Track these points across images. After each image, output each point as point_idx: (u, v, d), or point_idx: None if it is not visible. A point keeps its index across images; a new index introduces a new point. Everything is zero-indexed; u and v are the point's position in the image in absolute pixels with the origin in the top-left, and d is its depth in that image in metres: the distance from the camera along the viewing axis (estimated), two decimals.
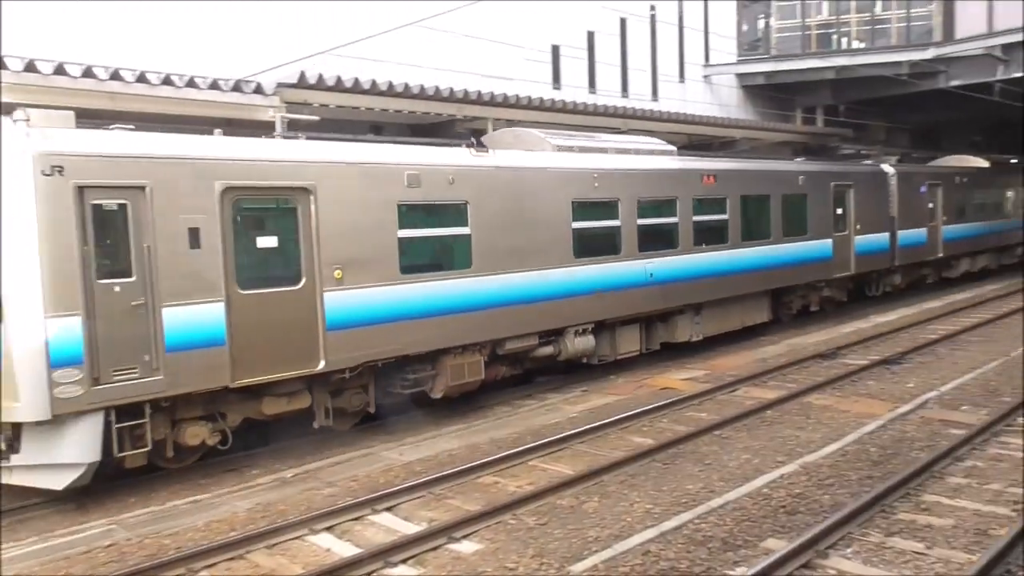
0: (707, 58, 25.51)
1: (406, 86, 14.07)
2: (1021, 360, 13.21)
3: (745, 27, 27.07)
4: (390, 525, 7.69)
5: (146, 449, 8.37)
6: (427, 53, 17.10)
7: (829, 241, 17.92)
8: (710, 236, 14.79)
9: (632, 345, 13.81)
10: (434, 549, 7.04)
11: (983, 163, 26.20)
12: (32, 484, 8.09)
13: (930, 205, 22.16)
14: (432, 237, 10.73)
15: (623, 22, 22.82)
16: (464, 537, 7.26)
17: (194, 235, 8.46)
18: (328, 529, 7.57)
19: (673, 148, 15.04)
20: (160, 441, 8.64)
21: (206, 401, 8.88)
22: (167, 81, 10.81)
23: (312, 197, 9.37)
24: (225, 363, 8.63)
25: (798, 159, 19.78)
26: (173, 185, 8.32)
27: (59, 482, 8.03)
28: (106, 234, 8.03)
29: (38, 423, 7.74)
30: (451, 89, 14.85)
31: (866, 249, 18.98)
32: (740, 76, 26.19)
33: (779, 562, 6.23)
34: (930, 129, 33.30)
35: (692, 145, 21.98)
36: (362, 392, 10.27)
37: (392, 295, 10.10)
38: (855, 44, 26.12)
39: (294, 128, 11.58)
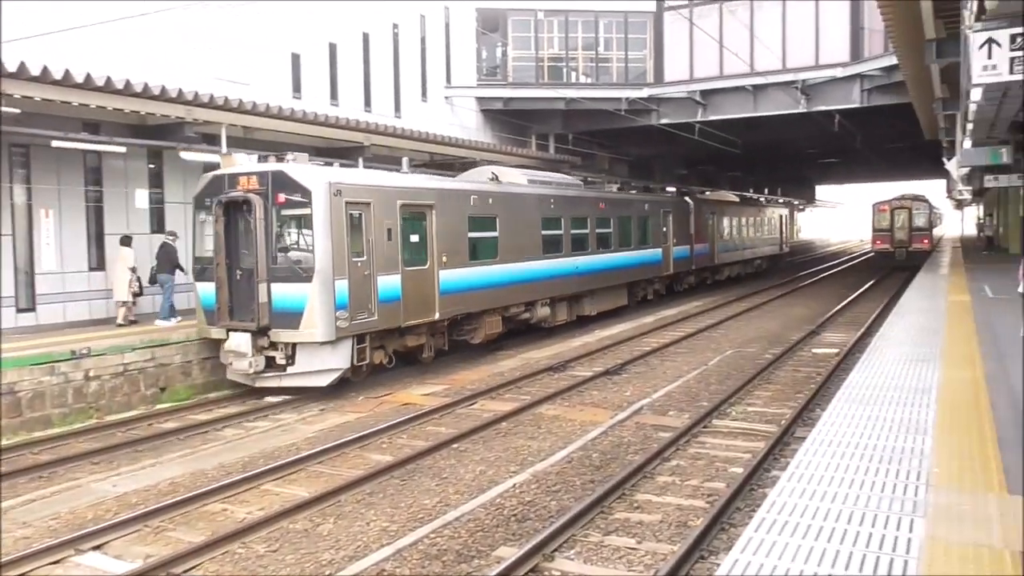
0: (448, 80, 26.18)
1: (127, 83, 12.87)
2: (715, 369, 14.90)
3: (485, 53, 28.15)
4: (98, 566, 6.91)
5: (367, 362, 13.32)
6: (155, 50, 15.80)
7: (660, 250, 25.15)
8: (602, 243, 21.25)
9: (563, 315, 19.66)
10: None
11: (735, 197, 36.70)
12: (305, 384, 12.79)
13: (711, 225, 29.91)
14: (481, 237, 16.27)
15: (366, 37, 22.75)
16: (185, 572, 6.71)
17: (390, 233, 13.57)
18: None
19: (580, 183, 22.31)
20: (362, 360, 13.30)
21: (382, 336, 13.73)
22: None
23: (433, 211, 14.74)
24: (400, 311, 13.77)
25: (633, 191, 26.83)
26: (381, 202, 13.43)
27: (325, 380, 12.85)
28: (354, 231, 12.91)
29: (316, 343, 12.48)
30: (180, 90, 13.79)
31: (678, 256, 26.48)
32: (480, 100, 27.20)
33: (508, 570, 6.43)
34: (646, 161, 36.82)
35: (434, 164, 22.41)
36: (443, 336, 15.54)
37: (467, 274, 15.61)
38: (583, 79, 28.14)
39: None
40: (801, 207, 69.30)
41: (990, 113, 13.12)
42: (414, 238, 14.21)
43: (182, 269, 15.17)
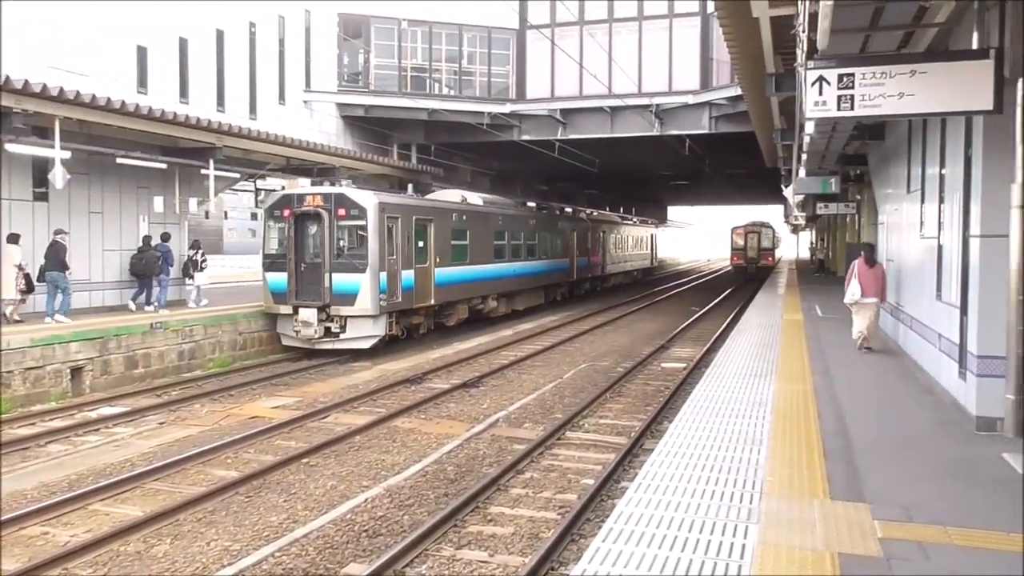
0: (308, 84, 25.61)
1: None
2: (570, 382, 15.26)
3: (347, 59, 27.73)
4: None
5: (391, 333, 18.33)
6: None
7: (567, 260, 31.70)
8: (529, 252, 27.07)
9: (504, 308, 25.19)
10: None
11: (618, 218, 44.12)
12: (353, 347, 17.59)
13: (601, 241, 36.89)
14: (457, 244, 21.42)
15: (220, 34, 21.89)
16: None
17: (407, 238, 18.65)
18: None
19: (513, 203, 28.57)
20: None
21: (399, 315, 18.59)
22: None
23: (433, 223, 20.00)
24: (413, 297, 18.89)
25: (543, 211, 31.71)
26: (404, 216, 18.57)
27: (368, 344, 17.64)
28: (390, 237, 17.99)
29: (365, 316, 17.45)
30: (7, 77, 12.78)
31: (580, 265, 33.34)
32: (340, 106, 26.75)
33: None
34: (508, 175, 37.35)
35: (290, 168, 21.83)
36: (432, 318, 20.65)
37: (451, 272, 20.87)
38: (446, 90, 28.24)
39: None
40: (655, 226, 72.57)
41: (821, 145, 14.25)
42: (419, 244, 19.44)
43: (68, 267, 15.23)
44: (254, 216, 46.23)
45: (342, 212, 17.47)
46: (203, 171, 18.27)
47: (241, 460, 10.13)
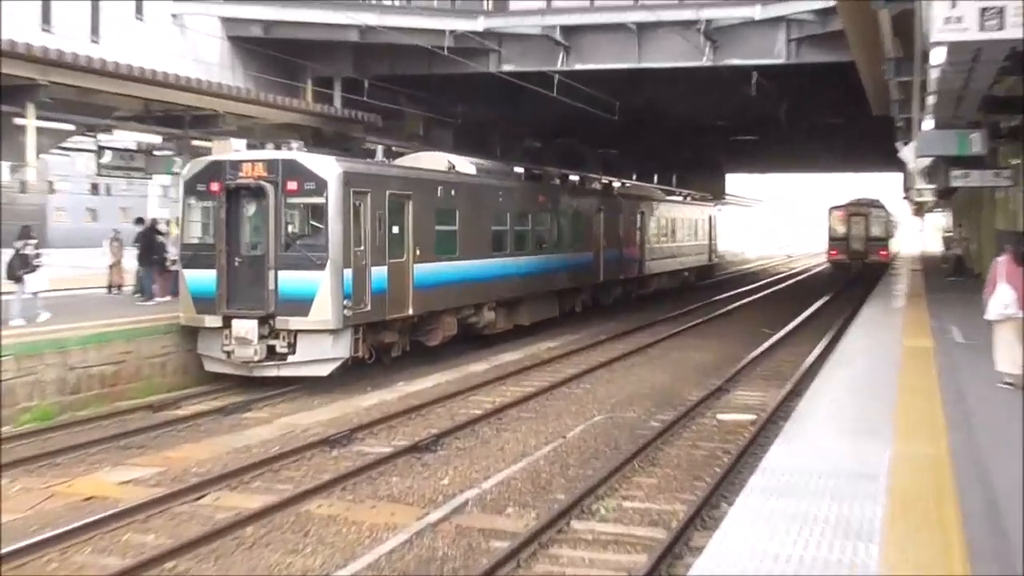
0: None
1: None
2: (577, 444, 15.13)
3: None
4: None
5: (356, 354, 19.57)
6: None
7: (591, 253, 32.78)
8: (540, 242, 28.88)
9: (504, 322, 26.70)
10: None
11: (660, 192, 45.34)
12: (306, 373, 19.06)
13: (639, 226, 37.84)
14: (443, 230, 23.02)
15: None
16: None
17: (378, 222, 20.03)
18: None
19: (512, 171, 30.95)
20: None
21: (367, 330, 20.00)
22: None
23: (411, 201, 21.34)
24: (385, 304, 20.16)
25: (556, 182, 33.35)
26: (375, 191, 19.85)
27: (326, 370, 19.09)
28: (356, 220, 19.25)
29: (323, 331, 18.67)
30: None
31: (608, 261, 34.11)
32: (227, 22, 26.65)
33: None
34: (481, 127, 37.32)
35: (152, 118, 21.69)
36: (408, 335, 22.21)
37: (435, 269, 22.50)
38: (387, 0, 28.19)
39: None
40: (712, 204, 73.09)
41: (956, 83, 14.14)
42: (395, 229, 20.87)
43: None
44: (96, 189, 45.90)
45: (293, 186, 18.45)
46: (17, 121, 18.07)
47: (71, 567, 9.95)
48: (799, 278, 60.02)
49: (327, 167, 18.64)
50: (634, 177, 51.47)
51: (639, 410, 17.66)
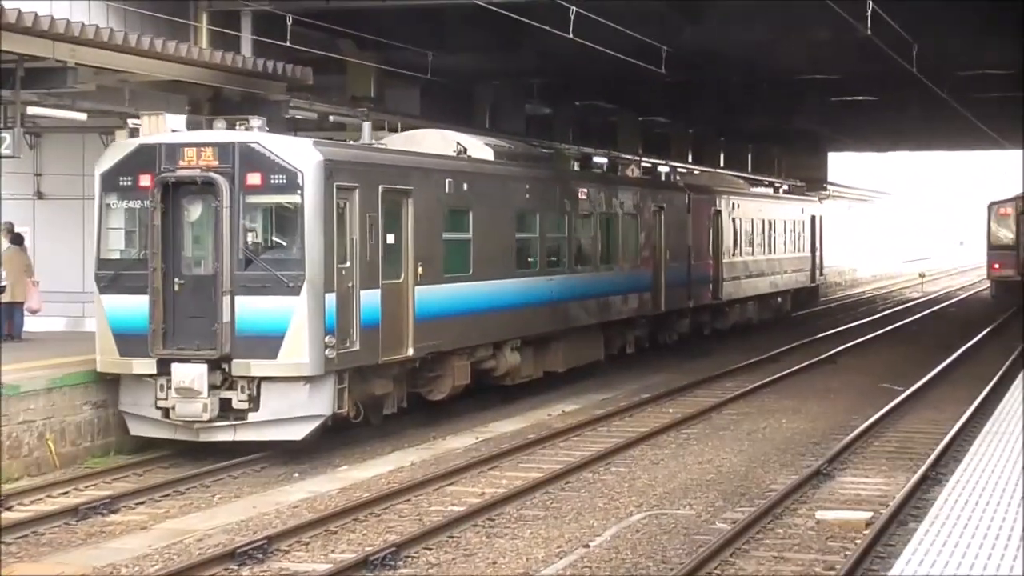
0: None
1: None
2: (606, 553, 15.13)
3: None
4: None
5: (340, 411, 20.91)
6: None
7: (649, 272, 34.96)
8: (581, 256, 31.10)
9: (530, 367, 28.42)
10: None
11: (739, 181, 47.13)
12: (274, 437, 20.15)
13: (712, 232, 40.22)
14: (453, 239, 24.90)
15: None
16: None
17: (368, 228, 21.39)
18: None
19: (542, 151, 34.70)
20: None
21: (353, 377, 21.29)
22: None
23: (412, 198, 22.95)
24: (378, 342, 21.57)
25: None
26: (364, 186, 21.27)
27: (301, 432, 20.13)
28: (340, 227, 20.61)
29: (296, 377, 19.98)
30: None
31: (672, 283, 36.20)
32: None
33: None
34: (463, 83, 37.47)
35: None
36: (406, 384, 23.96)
37: (442, 293, 24.08)
38: None
39: None
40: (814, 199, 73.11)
41: None
42: (390, 238, 22.73)
43: None
44: None
45: (255, 179, 19.53)
46: None
47: None
48: (938, 307, 59.98)
49: (302, 153, 19.79)
50: (689, 158, 51.54)
51: (698, 505, 17.63)
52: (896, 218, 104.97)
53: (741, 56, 36.79)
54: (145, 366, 19.38)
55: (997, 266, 53.56)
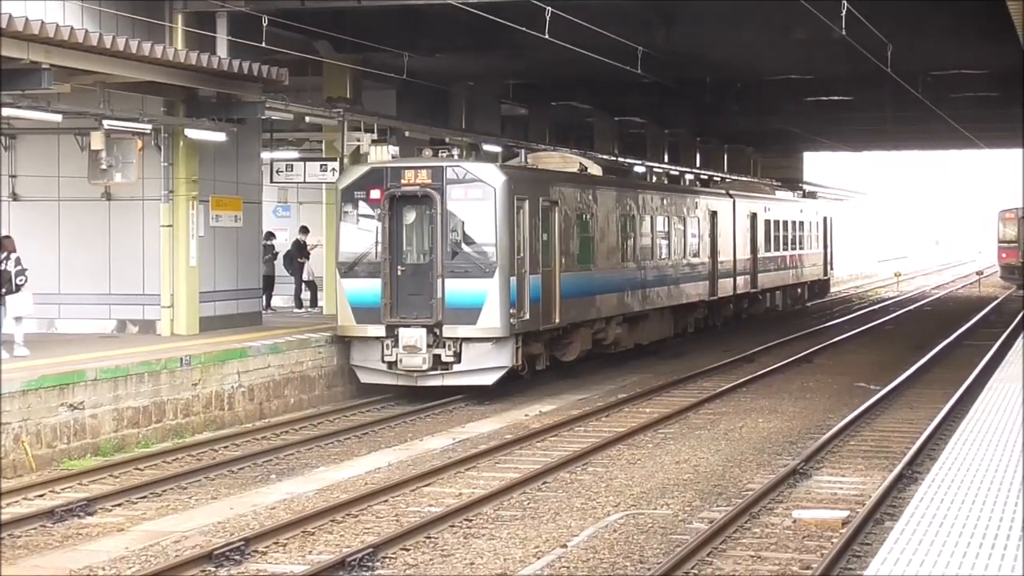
0: None
1: None
2: (584, 553, 15.12)
3: None
4: None
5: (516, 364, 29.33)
6: None
7: (708, 263, 42.77)
8: (661, 251, 38.99)
9: (627, 339, 35.97)
10: None
11: (766, 185, 53.42)
12: (471, 382, 28.32)
13: (749, 231, 47.44)
14: (582, 237, 32.85)
15: None
16: None
17: (533, 228, 29.22)
18: None
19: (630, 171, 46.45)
20: None
21: (524, 340, 30.33)
22: None
23: (558, 207, 30.99)
24: (539, 313, 29.59)
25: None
26: (532, 197, 29.18)
27: (491, 378, 28.29)
28: (517, 228, 28.71)
29: (488, 339, 28.19)
30: None
31: (723, 274, 44.25)
32: None
33: None
34: (439, 82, 37.37)
35: None
36: (549, 347, 32.35)
37: (576, 279, 32.04)
38: None
39: None
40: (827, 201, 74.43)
41: None
42: (544, 236, 29.70)
43: None
44: None
45: (459, 193, 27.16)
46: None
47: None
48: (913, 306, 60.21)
49: (492, 174, 27.78)
50: (665, 157, 51.71)
51: (675, 505, 17.68)
52: (872, 217, 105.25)
53: (717, 57, 36.89)
54: (377, 331, 27.11)
55: (1004, 255, 70.72)
